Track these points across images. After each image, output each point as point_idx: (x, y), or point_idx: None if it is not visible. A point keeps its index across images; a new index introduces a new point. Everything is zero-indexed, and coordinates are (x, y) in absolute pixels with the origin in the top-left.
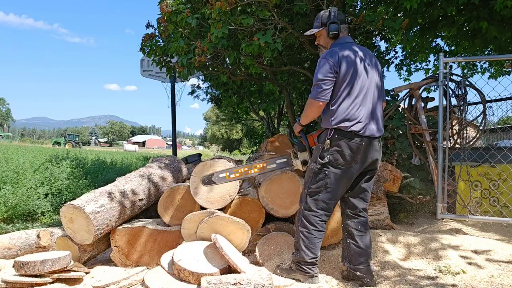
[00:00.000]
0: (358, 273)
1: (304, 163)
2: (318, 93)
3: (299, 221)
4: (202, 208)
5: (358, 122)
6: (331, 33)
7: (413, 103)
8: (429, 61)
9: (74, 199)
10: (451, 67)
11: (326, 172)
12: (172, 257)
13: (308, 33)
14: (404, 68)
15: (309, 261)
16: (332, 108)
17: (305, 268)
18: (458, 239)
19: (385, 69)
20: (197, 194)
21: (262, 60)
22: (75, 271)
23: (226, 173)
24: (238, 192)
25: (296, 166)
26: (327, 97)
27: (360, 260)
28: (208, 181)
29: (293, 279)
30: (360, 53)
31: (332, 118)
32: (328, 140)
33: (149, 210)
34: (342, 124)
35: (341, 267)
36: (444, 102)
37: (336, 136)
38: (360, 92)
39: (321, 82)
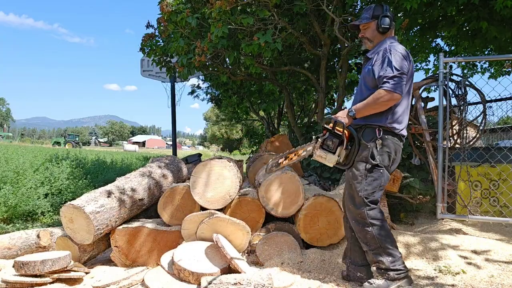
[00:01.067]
0: (359, 274)
1: (347, 158)
2: (398, 85)
3: (368, 226)
4: (202, 208)
5: (404, 125)
6: (383, 26)
7: (413, 103)
8: (429, 61)
9: (74, 199)
10: (451, 67)
11: (381, 171)
12: (172, 257)
13: (356, 22)
14: None
15: (399, 255)
16: (393, 109)
17: (402, 267)
18: (458, 239)
19: None
20: (197, 194)
21: (262, 60)
22: (75, 271)
23: (282, 160)
24: (238, 192)
25: (320, 158)
26: (404, 92)
27: (363, 261)
28: (277, 165)
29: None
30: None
31: (387, 117)
32: (380, 140)
33: (149, 210)
34: (395, 125)
35: (340, 267)
36: (444, 102)
37: (386, 136)
38: (409, 95)
39: (402, 74)
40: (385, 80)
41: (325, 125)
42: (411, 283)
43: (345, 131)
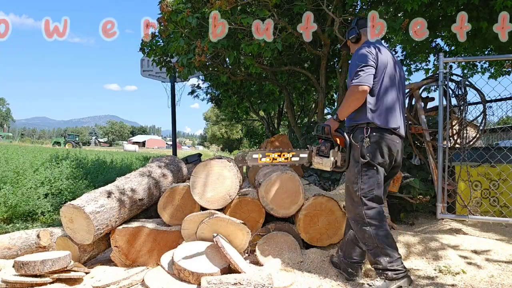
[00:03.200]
0: (349, 270)
1: (335, 163)
2: (362, 77)
3: (366, 226)
4: (202, 208)
5: (395, 120)
6: (350, 38)
7: (413, 103)
8: (429, 61)
9: (74, 199)
10: (451, 67)
11: (375, 168)
12: (172, 257)
13: (342, 44)
14: (404, 68)
15: (398, 256)
16: (369, 102)
17: (400, 268)
18: (458, 239)
19: None
20: (197, 194)
21: (262, 60)
22: (75, 271)
23: (259, 155)
24: (238, 192)
25: (318, 164)
26: (371, 82)
27: (356, 258)
28: (242, 159)
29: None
30: (386, 48)
31: (372, 114)
32: (367, 138)
33: (149, 210)
34: (381, 121)
35: (332, 252)
36: (444, 102)
37: (374, 133)
38: (395, 87)
39: (364, 66)
40: (351, 78)
41: (316, 133)
42: (411, 283)
43: (335, 134)
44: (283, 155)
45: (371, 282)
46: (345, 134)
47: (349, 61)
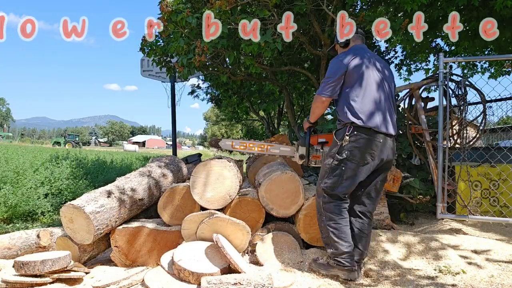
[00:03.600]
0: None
1: (301, 157)
2: (323, 89)
3: (322, 216)
4: (202, 208)
5: (375, 119)
6: (338, 43)
7: (413, 103)
8: (429, 61)
9: (74, 199)
10: (451, 67)
11: (343, 168)
12: (172, 257)
13: (330, 47)
14: (404, 68)
15: (346, 250)
16: (349, 103)
17: (343, 261)
18: (458, 239)
19: None
20: (197, 194)
21: (262, 60)
22: (75, 271)
23: (232, 142)
24: (238, 192)
25: (294, 158)
26: (330, 93)
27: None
28: (215, 143)
29: (332, 275)
30: (370, 54)
31: (352, 114)
32: (346, 137)
33: (149, 210)
34: (361, 120)
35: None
36: (444, 102)
37: (356, 132)
38: (375, 89)
39: (327, 78)
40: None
41: (297, 132)
42: (352, 277)
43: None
44: (259, 146)
45: (321, 258)
46: (308, 134)
47: None
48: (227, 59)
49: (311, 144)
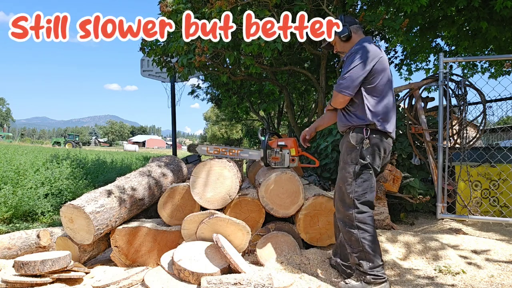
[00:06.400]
0: (348, 271)
1: (262, 159)
2: (343, 86)
3: (355, 229)
4: (202, 208)
5: (391, 123)
6: (341, 36)
7: (413, 103)
8: (429, 61)
9: (74, 199)
10: (451, 67)
11: (370, 172)
12: (172, 257)
13: (325, 42)
14: (405, 68)
15: (381, 263)
16: (369, 103)
17: (380, 274)
18: (458, 239)
19: None
20: (197, 194)
21: (262, 60)
22: (75, 271)
23: (207, 148)
24: (238, 192)
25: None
26: (353, 91)
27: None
28: (193, 148)
29: None
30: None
31: (371, 116)
32: (366, 140)
33: (149, 210)
34: (380, 123)
35: (328, 255)
36: (444, 102)
37: (373, 135)
38: (389, 89)
39: (350, 74)
40: (339, 81)
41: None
42: None
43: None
44: (231, 150)
45: (349, 280)
46: (265, 137)
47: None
48: (227, 59)
49: (271, 147)
